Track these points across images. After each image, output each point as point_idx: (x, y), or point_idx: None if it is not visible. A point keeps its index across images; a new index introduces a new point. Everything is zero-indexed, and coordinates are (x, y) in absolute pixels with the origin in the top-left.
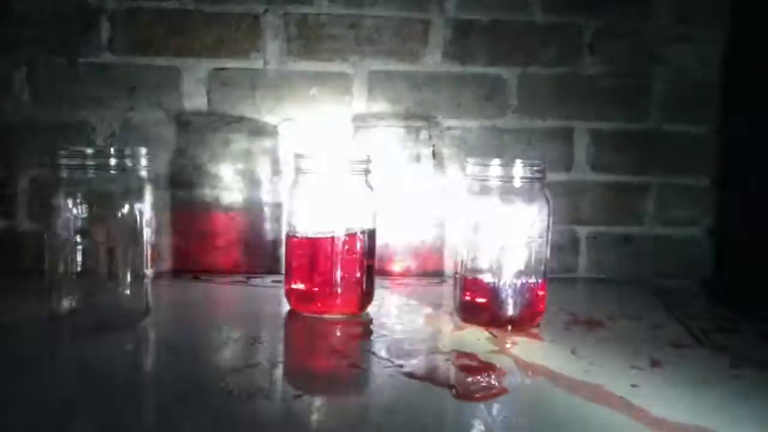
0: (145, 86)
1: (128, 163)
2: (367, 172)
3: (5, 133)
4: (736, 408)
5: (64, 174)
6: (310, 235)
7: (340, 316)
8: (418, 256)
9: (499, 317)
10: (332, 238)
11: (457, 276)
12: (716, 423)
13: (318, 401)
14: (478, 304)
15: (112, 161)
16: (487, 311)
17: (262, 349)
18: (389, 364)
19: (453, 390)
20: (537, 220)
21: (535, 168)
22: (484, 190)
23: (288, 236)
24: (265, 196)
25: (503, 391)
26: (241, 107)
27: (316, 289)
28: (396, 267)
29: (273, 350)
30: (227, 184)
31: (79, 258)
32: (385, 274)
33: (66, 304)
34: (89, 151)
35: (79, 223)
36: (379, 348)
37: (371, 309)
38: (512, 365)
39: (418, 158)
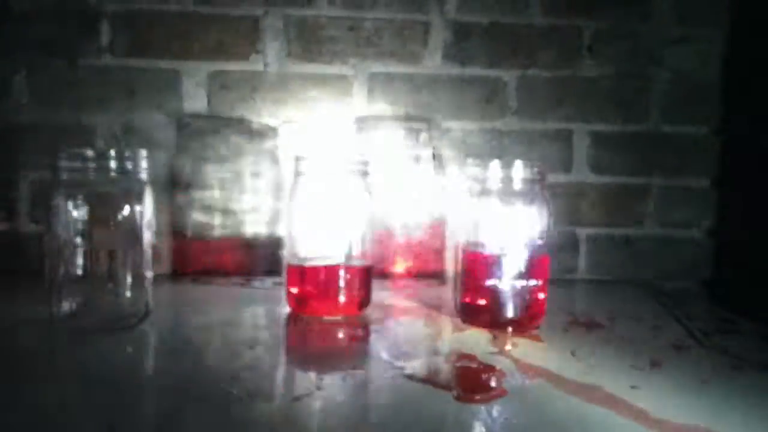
0: (146, 89)
1: (128, 165)
2: (365, 174)
3: (5, 135)
4: (736, 408)
5: (65, 176)
6: (309, 262)
7: (339, 318)
8: (418, 258)
9: (499, 319)
10: (335, 266)
11: (456, 277)
12: (716, 423)
13: (318, 404)
14: (478, 305)
15: (113, 163)
16: (488, 313)
17: (262, 351)
18: (389, 365)
19: (453, 392)
20: (537, 222)
21: (534, 169)
22: (484, 192)
23: (289, 265)
24: (265, 197)
25: (503, 392)
26: (241, 109)
27: (316, 291)
28: (396, 268)
29: (273, 352)
30: (227, 185)
31: (80, 260)
32: (385, 275)
33: (66, 306)
34: (89, 153)
35: (79, 225)
36: (380, 350)
37: (371, 310)
38: (512, 367)
39: (418, 160)
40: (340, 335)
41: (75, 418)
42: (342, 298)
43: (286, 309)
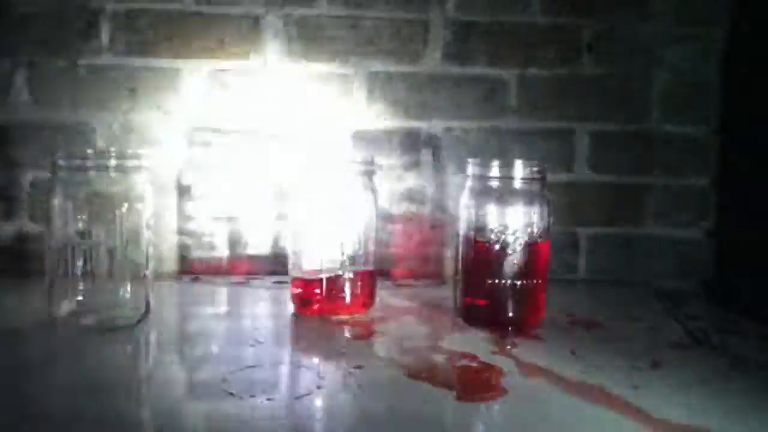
0: (146, 87)
1: (128, 164)
2: (370, 173)
3: (6, 134)
4: (736, 408)
5: (65, 175)
6: (313, 263)
7: (342, 317)
8: (419, 258)
9: (500, 318)
10: (338, 267)
11: (457, 277)
12: (716, 423)
13: (320, 402)
14: (478, 305)
15: (113, 162)
16: (488, 312)
17: (263, 350)
18: (390, 365)
19: (453, 391)
20: (537, 221)
21: (535, 169)
22: (485, 191)
23: (293, 279)
24: (266, 196)
25: (503, 392)
26: (242, 108)
27: (320, 291)
28: (397, 268)
29: (274, 351)
30: (228, 184)
31: (80, 259)
32: (386, 275)
33: (66, 305)
34: (89, 152)
35: (79, 224)
36: (380, 349)
37: (372, 310)
38: (512, 366)
39: (418, 159)
40: (342, 335)
41: (75, 417)
42: (345, 299)
43: (290, 309)
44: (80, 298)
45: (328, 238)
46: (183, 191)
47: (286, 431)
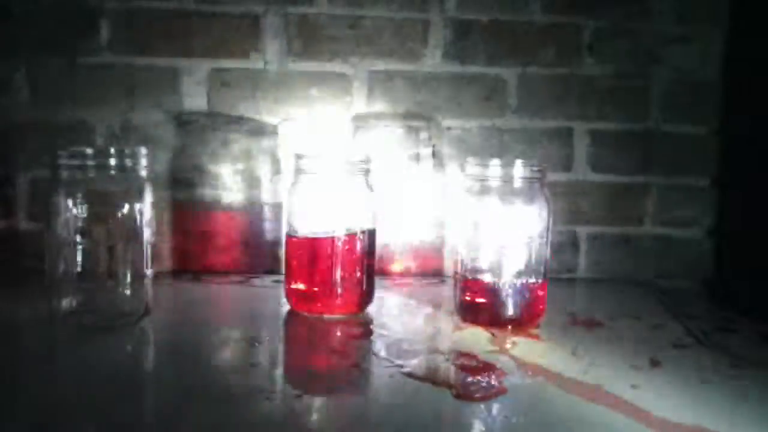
0: (145, 86)
1: (128, 163)
2: (367, 172)
3: (5, 133)
4: (736, 408)
5: (64, 174)
6: (310, 235)
7: (340, 316)
8: (418, 256)
9: (499, 317)
10: (332, 238)
11: (456, 276)
12: (716, 423)
13: (318, 401)
14: (478, 304)
15: (112, 161)
16: (487, 311)
17: (262, 349)
18: (389, 364)
19: (453, 390)
20: (537, 220)
21: (534, 168)
22: (484, 190)
23: (288, 236)
24: (265, 195)
25: (503, 391)
26: (241, 107)
27: (316, 288)
28: (396, 267)
29: (273, 350)
30: (227, 184)
31: (79, 258)
32: (385, 274)
33: (66, 304)
34: (89, 151)
35: (79, 223)
36: (379, 348)
37: (371, 309)
38: (512, 365)
39: (417, 158)
40: (340, 333)
41: (75, 416)
42: (344, 297)
43: (286, 307)
44: (80, 296)
45: (326, 235)
46: (183, 187)
47: (284, 431)
